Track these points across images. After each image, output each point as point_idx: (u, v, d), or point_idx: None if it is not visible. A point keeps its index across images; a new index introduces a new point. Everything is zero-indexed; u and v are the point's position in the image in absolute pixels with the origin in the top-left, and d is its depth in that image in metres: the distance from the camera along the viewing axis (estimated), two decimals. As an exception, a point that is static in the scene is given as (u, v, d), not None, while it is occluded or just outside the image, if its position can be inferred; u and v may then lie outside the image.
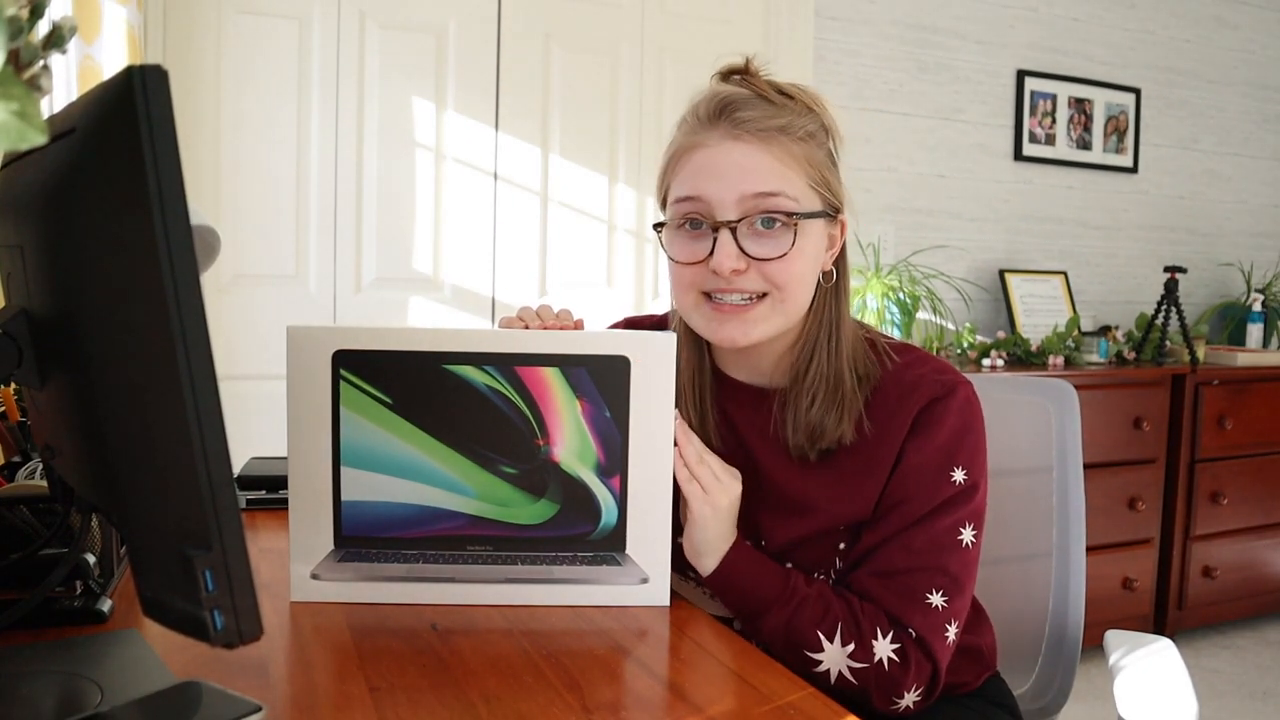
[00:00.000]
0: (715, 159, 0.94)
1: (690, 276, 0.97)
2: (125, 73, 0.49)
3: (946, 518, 0.95)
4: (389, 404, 0.91)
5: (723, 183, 0.94)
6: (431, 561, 0.93)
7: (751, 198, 0.93)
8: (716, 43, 2.70)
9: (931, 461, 0.95)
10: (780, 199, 0.93)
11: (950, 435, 0.96)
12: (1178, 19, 3.38)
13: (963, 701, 1.05)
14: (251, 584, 0.52)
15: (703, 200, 0.94)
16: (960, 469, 0.96)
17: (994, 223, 3.13)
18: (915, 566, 0.94)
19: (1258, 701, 2.55)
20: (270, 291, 2.33)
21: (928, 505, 0.95)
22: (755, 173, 0.93)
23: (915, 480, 0.95)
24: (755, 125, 0.93)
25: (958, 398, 0.97)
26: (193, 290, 0.49)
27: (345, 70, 2.34)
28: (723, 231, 0.93)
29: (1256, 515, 2.98)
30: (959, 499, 0.95)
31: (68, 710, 0.66)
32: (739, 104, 0.94)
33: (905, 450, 0.96)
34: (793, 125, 0.94)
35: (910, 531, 0.94)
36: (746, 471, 1.01)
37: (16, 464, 1.06)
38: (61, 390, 0.64)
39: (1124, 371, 2.78)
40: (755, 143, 0.93)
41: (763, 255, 0.94)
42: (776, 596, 0.93)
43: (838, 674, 0.92)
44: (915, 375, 0.98)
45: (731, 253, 0.93)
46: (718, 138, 0.94)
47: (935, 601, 0.93)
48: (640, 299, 2.67)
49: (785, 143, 0.94)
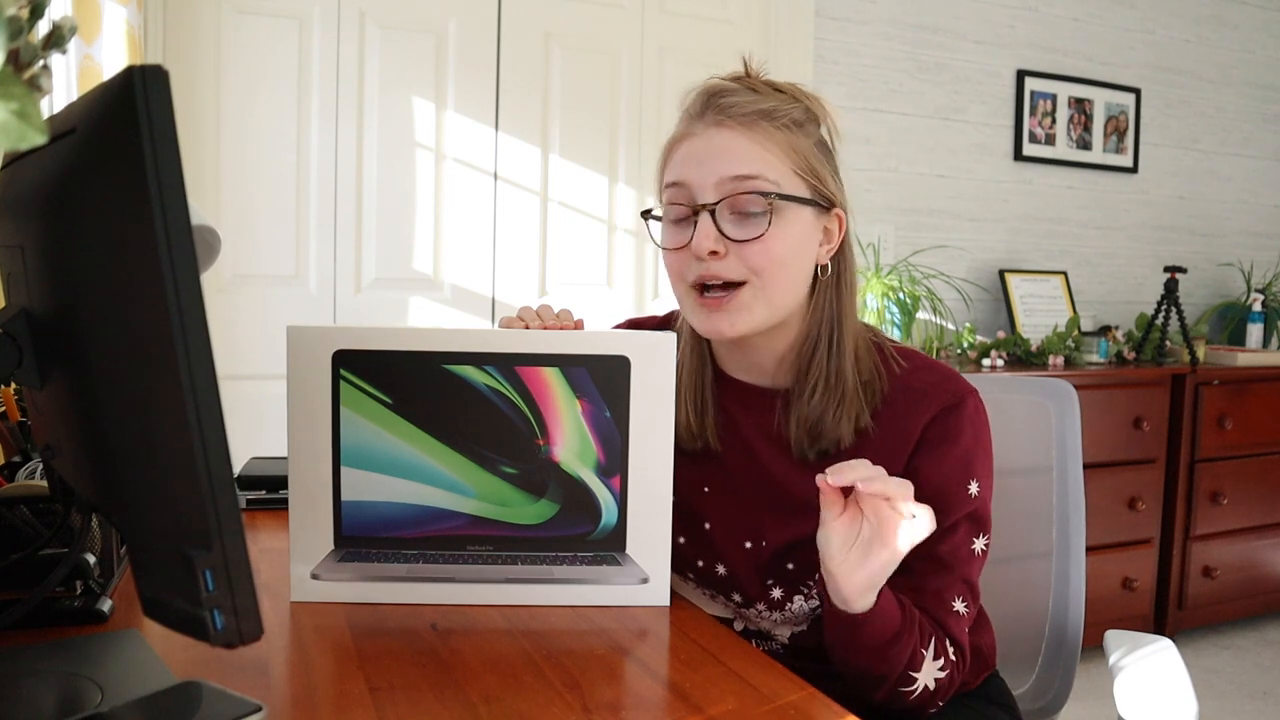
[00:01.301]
0: (699, 146, 0.96)
1: (677, 264, 0.98)
2: (125, 73, 0.49)
3: (965, 530, 0.96)
4: (389, 404, 0.91)
5: (703, 167, 0.95)
6: (431, 561, 0.93)
7: (730, 180, 0.94)
8: (716, 43, 2.70)
9: (951, 477, 0.96)
10: (758, 181, 0.94)
11: (965, 449, 0.96)
12: (1178, 19, 3.38)
13: (962, 701, 1.05)
14: (251, 584, 0.52)
15: (685, 186, 0.96)
16: (975, 481, 0.97)
17: (994, 223, 3.13)
18: (944, 580, 0.95)
19: (1258, 701, 2.55)
20: (270, 291, 2.32)
21: (951, 519, 0.95)
22: (734, 156, 0.94)
23: (937, 499, 0.91)
24: (738, 110, 0.95)
25: (968, 408, 0.97)
26: (193, 290, 0.49)
27: (345, 70, 2.34)
28: (702, 214, 0.94)
29: (1256, 515, 2.98)
30: (975, 512, 0.97)
31: (68, 710, 0.66)
32: (724, 93, 0.96)
33: (920, 463, 0.96)
34: (777, 111, 0.95)
35: (939, 546, 0.94)
36: (749, 471, 1.01)
37: (16, 464, 1.06)
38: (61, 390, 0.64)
39: (1124, 371, 2.78)
40: (737, 128, 0.95)
41: (739, 237, 0.94)
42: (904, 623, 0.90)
43: (922, 688, 0.91)
44: (923, 383, 0.98)
45: (710, 234, 0.94)
46: (703, 126, 0.96)
47: (959, 608, 0.96)
48: (640, 299, 2.67)
49: (767, 128, 0.95)
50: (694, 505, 1.04)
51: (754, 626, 1.06)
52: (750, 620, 1.06)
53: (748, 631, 1.07)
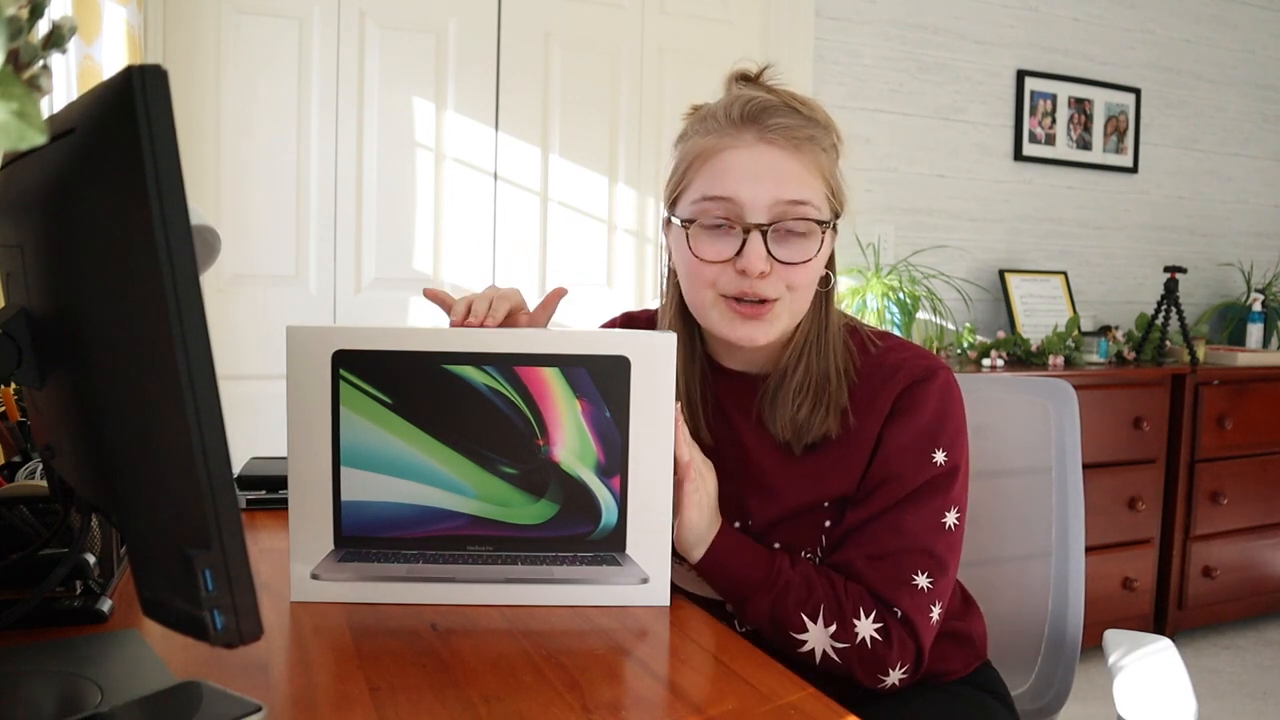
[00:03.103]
0: (746, 161, 0.96)
1: (711, 275, 0.98)
2: (125, 73, 0.49)
3: (930, 500, 0.97)
4: (389, 404, 0.91)
5: (757, 186, 0.96)
6: (431, 561, 0.93)
7: (784, 204, 0.96)
8: (716, 43, 2.70)
9: (914, 443, 0.98)
10: (808, 207, 0.96)
11: (931, 417, 0.98)
12: (1178, 19, 3.38)
13: (952, 689, 1.06)
14: (251, 584, 0.52)
15: (734, 201, 0.96)
16: (941, 450, 0.98)
17: (994, 223, 3.13)
18: (901, 548, 0.96)
19: (1258, 701, 2.55)
20: (270, 291, 2.32)
21: (910, 485, 0.97)
22: (788, 179, 0.96)
23: (898, 461, 0.98)
24: (789, 133, 0.96)
25: (937, 381, 1.00)
26: (193, 290, 0.49)
27: (345, 70, 2.34)
28: (754, 234, 0.96)
29: (1256, 515, 2.98)
30: (941, 481, 0.98)
31: (68, 710, 0.66)
32: (771, 110, 0.97)
33: (886, 431, 0.99)
34: (818, 137, 0.98)
35: (895, 512, 0.97)
36: (735, 455, 1.04)
37: (16, 464, 1.06)
38: (61, 390, 0.64)
39: (1124, 371, 2.78)
40: (788, 149, 0.96)
41: (788, 259, 0.96)
42: (761, 580, 0.96)
43: (822, 653, 0.95)
44: (896, 359, 1.01)
45: (761, 254, 0.95)
46: (750, 140, 0.96)
47: (921, 583, 0.96)
48: (640, 299, 2.67)
49: (813, 153, 0.97)
50: None
51: None
52: None
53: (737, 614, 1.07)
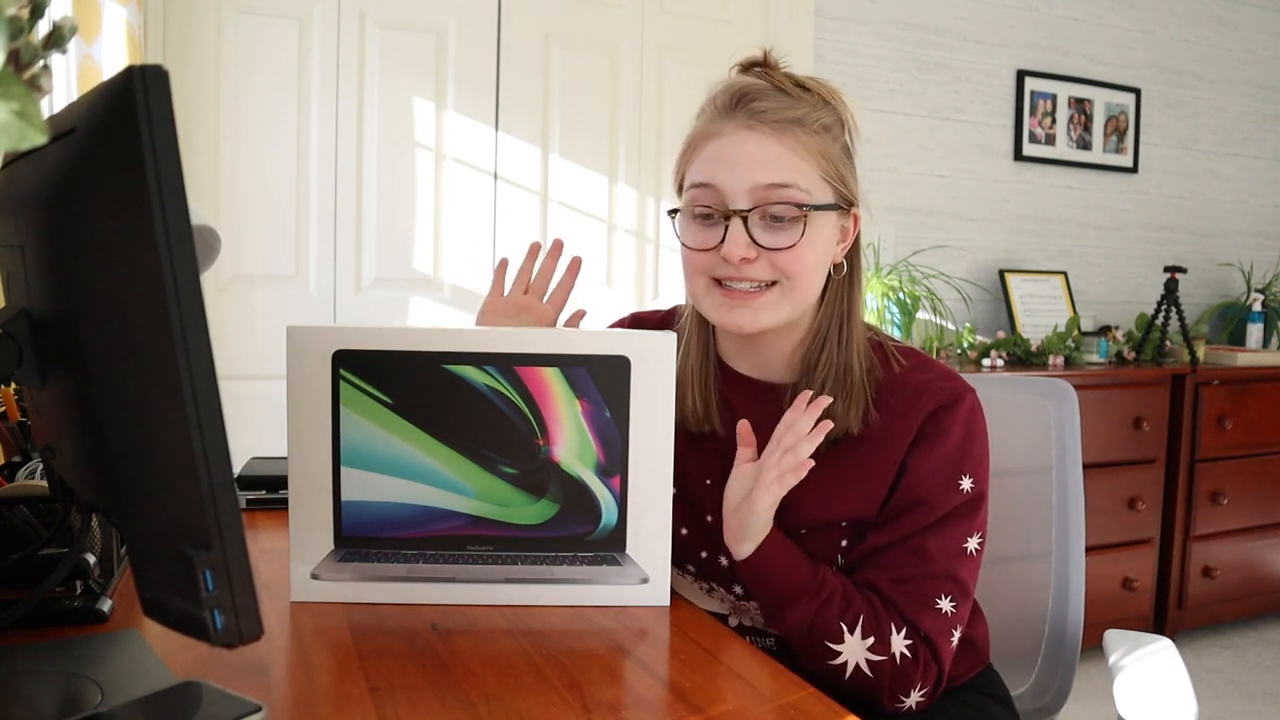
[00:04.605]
0: (729, 148, 0.95)
1: (701, 262, 0.98)
2: (125, 73, 0.49)
3: (956, 526, 0.96)
4: (389, 404, 0.91)
5: (735, 172, 0.94)
6: (431, 561, 0.93)
7: (763, 188, 0.94)
8: (716, 43, 2.70)
9: (940, 469, 0.96)
10: (792, 190, 0.94)
11: (958, 443, 0.97)
12: (1178, 19, 3.37)
13: (956, 694, 1.05)
14: (251, 584, 0.52)
15: (715, 188, 0.95)
16: (968, 477, 0.97)
17: (994, 223, 3.13)
18: (928, 574, 0.95)
19: (1258, 701, 2.55)
20: (270, 291, 2.32)
21: (938, 512, 0.96)
22: (768, 164, 0.94)
23: (924, 487, 0.96)
24: (770, 116, 0.94)
25: (964, 406, 0.98)
26: (193, 290, 0.49)
27: (345, 70, 2.34)
28: (734, 220, 0.94)
29: (1256, 515, 2.98)
30: (967, 508, 0.97)
31: (68, 710, 0.66)
32: (755, 94, 0.95)
33: (911, 457, 0.97)
34: (808, 117, 0.95)
35: (921, 537, 0.96)
36: None
37: (16, 464, 1.06)
38: (61, 390, 0.64)
39: (1124, 371, 2.78)
40: (769, 133, 0.94)
41: (772, 245, 0.95)
42: (807, 586, 0.94)
43: (854, 667, 0.93)
44: (921, 380, 0.99)
45: (741, 241, 0.94)
46: (733, 127, 0.95)
47: (945, 607, 0.95)
48: (640, 299, 2.67)
49: (799, 134, 0.95)
50: (697, 497, 1.05)
51: (749, 622, 1.06)
52: (748, 614, 1.06)
53: (742, 628, 1.07)
